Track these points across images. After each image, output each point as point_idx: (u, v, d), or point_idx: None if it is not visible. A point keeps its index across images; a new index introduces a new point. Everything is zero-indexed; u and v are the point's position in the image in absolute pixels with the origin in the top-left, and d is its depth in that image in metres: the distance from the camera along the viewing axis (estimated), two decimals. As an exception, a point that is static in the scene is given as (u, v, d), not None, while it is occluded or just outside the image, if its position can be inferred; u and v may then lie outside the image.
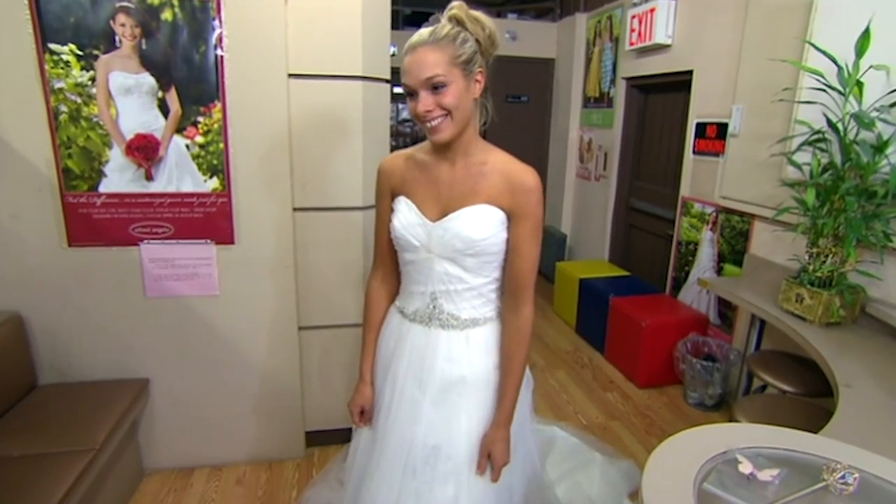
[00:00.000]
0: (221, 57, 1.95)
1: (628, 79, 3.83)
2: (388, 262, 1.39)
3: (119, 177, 1.98)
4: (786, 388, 2.09)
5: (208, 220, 2.08)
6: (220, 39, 1.93)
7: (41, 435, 1.81)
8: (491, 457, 1.26)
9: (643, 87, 3.78)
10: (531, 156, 5.09)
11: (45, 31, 1.83)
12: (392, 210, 1.30)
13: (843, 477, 1.04)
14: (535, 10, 4.99)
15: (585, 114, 4.53)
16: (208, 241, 2.09)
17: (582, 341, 3.77)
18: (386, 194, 1.33)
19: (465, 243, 1.21)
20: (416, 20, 5.74)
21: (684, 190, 3.26)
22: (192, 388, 2.24)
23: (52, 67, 1.86)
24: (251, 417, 2.32)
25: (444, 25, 1.13)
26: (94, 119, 1.92)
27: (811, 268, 2.14)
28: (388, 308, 1.44)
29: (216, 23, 1.92)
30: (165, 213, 2.04)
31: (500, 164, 1.22)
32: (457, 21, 1.14)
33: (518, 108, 4.99)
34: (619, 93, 3.93)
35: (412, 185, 1.28)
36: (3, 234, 1.97)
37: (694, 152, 3.15)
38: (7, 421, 1.88)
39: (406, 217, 1.26)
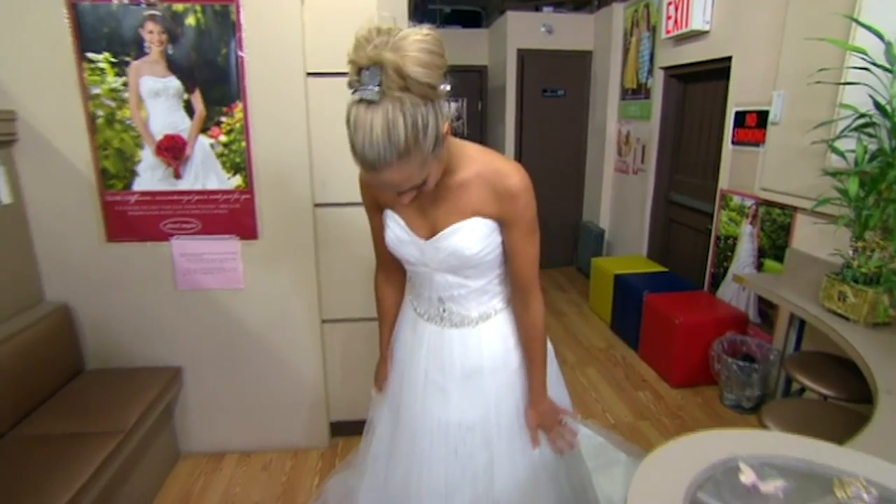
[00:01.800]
0: (242, 58, 1.97)
1: (665, 68, 3.63)
2: (389, 263, 1.36)
3: (150, 175, 2.05)
4: (824, 391, 1.91)
5: (233, 216, 2.11)
6: (240, 42, 1.96)
7: (81, 416, 1.90)
8: (543, 428, 1.32)
9: (681, 76, 3.56)
10: (569, 150, 4.96)
11: (83, 42, 1.91)
12: (382, 221, 1.24)
13: (857, 493, 0.92)
14: (574, 3, 4.82)
15: (623, 106, 4.33)
16: (233, 236, 2.13)
17: (616, 339, 3.61)
18: (372, 206, 1.27)
19: (460, 260, 1.17)
20: (456, 19, 5.69)
21: (723, 182, 3.05)
22: (221, 377, 2.29)
23: (90, 75, 1.94)
24: (277, 407, 2.36)
25: (394, 120, 0.86)
26: (127, 122, 2.00)
27: (856, 263, 1.94)
28: (396, 299, 1.44)
29: (236, 26, 1.94)
30: (193, 210, 2.10)
31: (483, 169, 1.11)
32: (399, 100, 0.86)
33: (554, 103, 4.84)
34: (657, 83, 3.73)
35: (396, 201, 1.17)
36: (51, 231, 2.08)
37: (733, 142, 2.94)
38: (54, 402, 1.99)
39: (396, 235, 1.21)
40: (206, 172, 2.07)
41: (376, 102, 0.87)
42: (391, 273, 1.39)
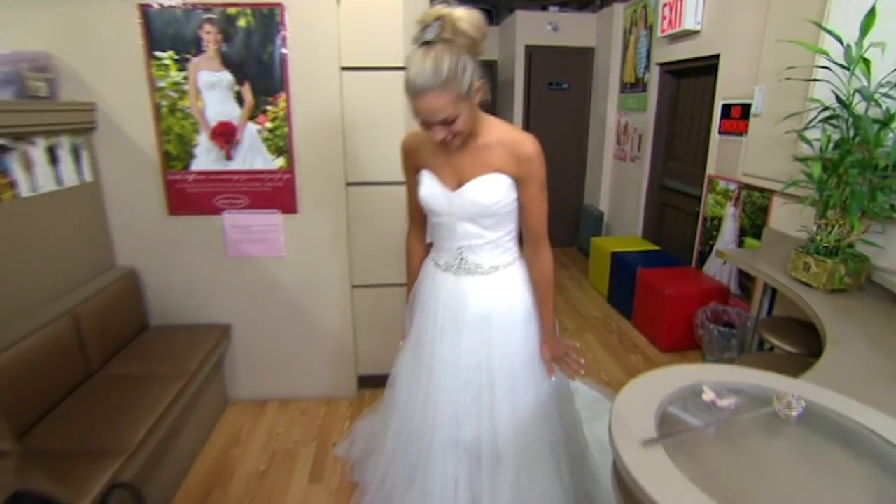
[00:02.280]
0: (285, 55, 2.17)
1: (661, 64, 3.78)
2: (421, 222, 1.58)
3: (205, 157, 2.26)
4: (789, 348, 2.11)
5: (276, 193, 2.33)
6: (284, 40, 2.15)
7: (152, 362, 2.13)
8: (555, 360, 1.48)
9: (675, 71, 3.72)
10: (571, 139, 5.11)
11: (152, 42, 2.12)
12: (418, 181, 1.44)
13: (789, 404, 1.13)
14: (578, 2, 4.94)
15: (622, 98, 4.49)
16: (276, 210, 2.35)
17: (612, 310, 3.82)
18: (410, 168, 1.48)
19: (480, 207, 1.35)
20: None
21: (710, 168, 3.22)
22: (264, 334, 2.52)
23: (156, 70, 2.15)
24: (312, 361, 2.59)
25: (441, 58, 1.12)
26: (187, 110, 2.20)
27: (818, 238, 2.13)
28: (422, 255, 1.62)
29: (281, 27, 2.13)
30: (242, 187, 2.31)
31: (503, 137, 1.34)
32: (448, 43, 1.14)
33: (559, 95, 5.00)
34: (653, 78, 3.88)
35: (432, 160, 1.41)
36: (122, 205, 2.30)
37: (720, 132, 3.11)
38: (128, 350, 2.22)
39: (430, 188, 1.40)
40: (253, 155, 2.28)
41: (432, 43, 1.14)
42: (420, 232, 1.60)
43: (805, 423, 1.14)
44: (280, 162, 2.29)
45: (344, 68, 2.23)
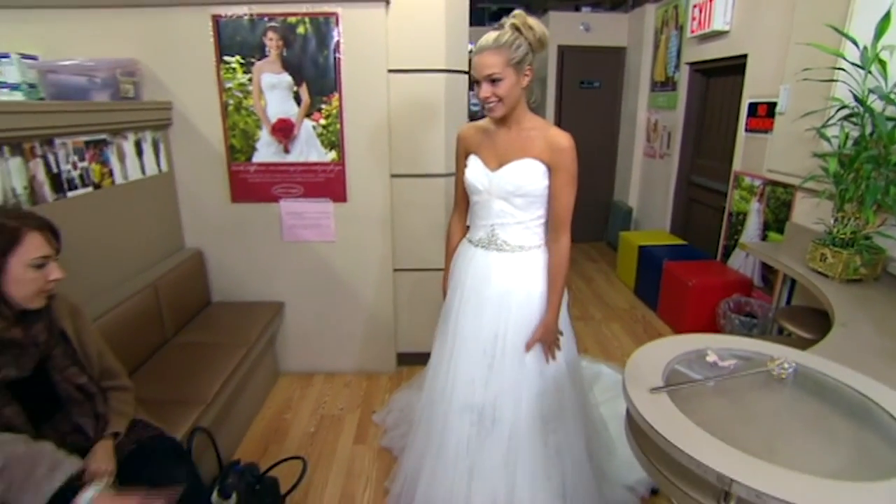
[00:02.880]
0: (339, 59, 2.41)
1: (691, 64, 3.89)
2: (464, 206, 1.77)
3: (266, 150, 2.52)
4: (804, 334, 2.24)
5: (328, 184, 2.57)
6: (338, 46, 2.39)
7: (216, 332, 2.41)
8: (540, 340, 1.64)
9: (704, 70, 3.82)
10: (602, 136, 5.24)
11: (222, 48, 2.38)
12: (466, 165, 1.66)
13: (780, 365, 1.29)
14: (610, 2, 5.06)
15: (653, 97, 4.59)
16: (328, 199, 2.59)
17: (638, 301, 3.95)
18: (462, 154, 1.70)
19: (514, 186, 1.55)
20: (503, 16, 5.99)
21: (736, 165, 3.33)
22: (314, 312, 2.78)
23: (225, 73, 2.42)
24: (356, 338, 2.83)
25: (504, 32, 1.43)
26: (251, 109, 2.47)
27: (835, 230, 2.24)
28: (460, 236, 1.81)
29: (335, 33, 2.37)
30: (298, 178, 2.56)
31: (543, 130, 1.54)
32: (515, 28, 1.43)
33: (591, 93, 5.13)
34: (683, 77, 3.99)
35: (480, 146, 1.63)
36: (191, 193, 2.58)
37: (746, 130, 3.21)
38: (194, 322, 2.51)
39: (474, 169, 1.63)
40: (308, 148, 2.53)
41: (504, 26, 1.43)
42: (462, 215, 1.80)
43: (796, 384, 1.30)
44: (332, 155, 2.54)
45: (391, 71, 2.45)
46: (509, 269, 1.63)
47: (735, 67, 3.35)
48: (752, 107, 3.15)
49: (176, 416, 1.77)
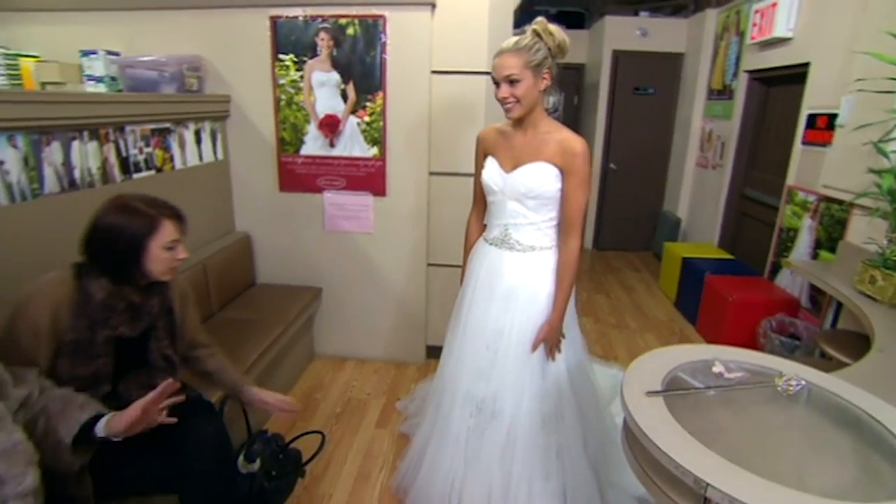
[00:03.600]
0: (385, 59, 2.51)
1: (750, 72, 3.73)
2: (482, 205, 1.83)
3: (313, 144, 2.67)
4: (843, 358, 2.12)
5: (369, 178, 2.69)
6: (384, 47, 2.50)
7: (257, 311, 2.58)
8: (543, 340, 1.66)
9: (763, 79, 3.66)
10: (654, 144, 5.12)
11: (277, 46, 2.55)
12: (483, 166, 1.73)
13: (787, 382, 1.26)
14: (672, 7, 4.93)
15: (709, 105, 4.44)
16: (368, 192, 2.71)
17: (678, 314, 3.84)
18: (481, 155, 1.76)
19: (527, 188, 1.60)
20: (561, 19, 5.94)
21: (790, 179, 3.18)
22: (349, 300, 2.91)
23: (279, 70, 2.58)
24: (388, 328, 2.94)
25: (525, 36, 1.50)
26: (301, 104, 2.62)
27: (888, 251, 2.12)
28: (478, 235, 1.88)
29: (382, 35, 2.48)
30: (341, 171, 2.70)
31: (558, 134, 1.58)
32: (536, 33, 1.51)
33: (645, 100, 5.01)
34: (741, 85, 3.84)
35: (497, 148, 1.69)
36: (243, 180, 2.77)
37: (803, 142, 3.07)
38: (239, 300, 2.69)
39: (490, 170, 1.69)
40: (352, 144, 2.65)
41: (525, 31, 1.50)
42: (480, 214, 1.86)
43: (809, 403, 1.27)
44: (374, 151, 2.65)
45: (434, 72, 2.53)
46: (520, 267, 1.67)
47: (796, 76, 3.20)
48: (811, 118, 3.00)
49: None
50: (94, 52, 2.42)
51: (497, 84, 1.54)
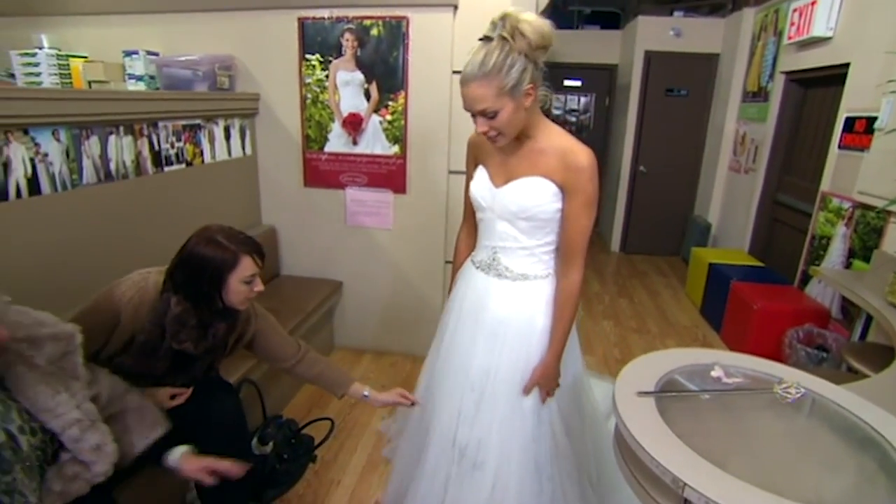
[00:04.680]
0: (407, 59, 2.56)
1: (787, 73, 3.60)
2: (472, 219, 1.55)
3: (336, 141, 2.74)
4: (868, 372, 2.04)
5: (390, 175, 2.74)
6: (407, 47, 2.54)
7: (278, 300, 2.64)
8: (539, 384, 1.41)
9: (800, 80, 3.52)
10: (686, 147, 5.00)
11: (304, 46, 2.63)
12: (472, 176, 1.47)
13: (786, 389, 1.23)
14: (709, 7, 4.79)
15: (743, 107, 4.30)
16: (388, 190, 2.76)
17: (703, 321, 3.74)
18: (471, 163, 1.51)
19: (518, 207, 1.33)
20: (596, 19, 5.88)
21: (825, 185, 3.05)
22: (368, 294, 2.97)
23: (305, 69, 2.66)
24: (406, 322, 2.98)
25: (491, 51, 1.15)
26: (326, 102, 2.69)
27: (920, 262, 2.02)
28: (469, 252, 1.59)
29: (405, 36, 2.52)
30: (363, 168, 2.76)
31: (558, 144, 1.29)
32: (503, 40, 1.15)
33: (677, 101, 4.90)
34: (777, 87, 3.70)
35: (489, 158, 1.42)
36: (270, 175, 2.87)
37: (839, 146, 2.94)
38: (266, 290, 2.79)
39: (479, 182, 1.43)
40: (374, 142, 2.71)
41: (490, 38, 1.17)
42: (470, 229, 1.59)
43: (811, 412, 1.24)
44: (395, 149, 2.70)
45: (455, 72, 2.56)
46: (509, 298, 1.42)
47: (834, 77, 3.07)
48: (849, 121, 2.88)
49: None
50: (135, 53, 2.57)
51: (473, 115, 1.25)
